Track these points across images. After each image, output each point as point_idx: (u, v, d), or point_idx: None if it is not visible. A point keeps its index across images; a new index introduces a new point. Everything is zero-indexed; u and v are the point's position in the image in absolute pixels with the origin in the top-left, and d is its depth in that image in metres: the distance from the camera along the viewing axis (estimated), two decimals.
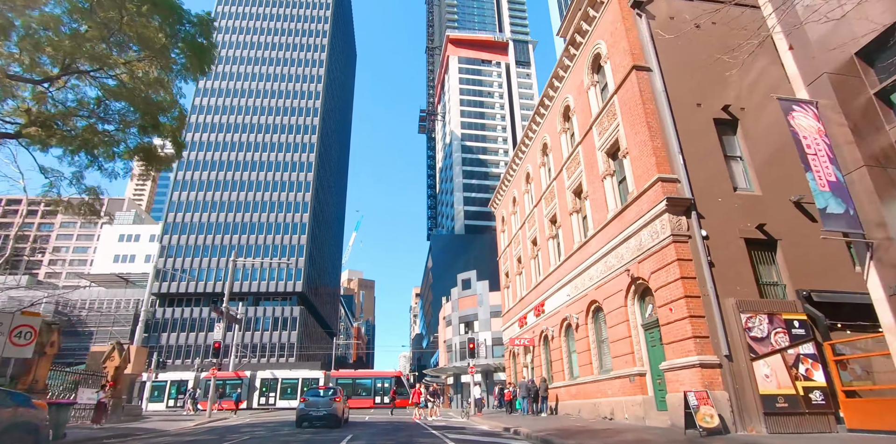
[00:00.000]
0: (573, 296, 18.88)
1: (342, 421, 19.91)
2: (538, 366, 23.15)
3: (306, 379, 39.49)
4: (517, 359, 26.89)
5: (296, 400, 38.37)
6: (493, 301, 61.30)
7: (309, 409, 19.24)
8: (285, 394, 38.24)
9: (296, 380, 39.72)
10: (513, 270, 28.49)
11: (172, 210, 67.12)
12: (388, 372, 41.63)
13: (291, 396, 38.47)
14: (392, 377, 40.65)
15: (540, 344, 23.08)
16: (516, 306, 27.49)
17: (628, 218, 14.70)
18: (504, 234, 31.67)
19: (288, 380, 39.69)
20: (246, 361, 60.16)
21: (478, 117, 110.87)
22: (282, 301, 64.76)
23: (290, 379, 39.75)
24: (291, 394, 38.49)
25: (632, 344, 14.38)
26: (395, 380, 39.81)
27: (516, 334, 26.20)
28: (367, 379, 40.65)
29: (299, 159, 71.75)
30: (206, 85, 75.82)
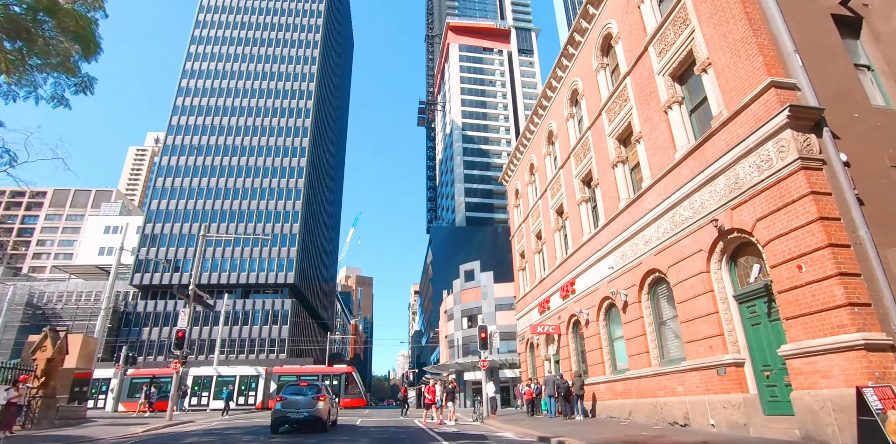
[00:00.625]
0: (618, 268, 14.92)
1: (328, 425, 16.06)
2: (565, 358, 19.20)
3: (244, 377, 35.38)
4: (537, 351, 22.94)
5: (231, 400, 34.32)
6: (499, 293, 57.42)
7: (287, 410, 15.46)
8: (220, 394, 33.92)
9: (232, 378, 35.56)
10: (530, 248, 24.53)
11: (156, 197, 62.95)
12: (339, 368, 37.24)
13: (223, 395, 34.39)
14: (342, 373, 36.34)
15: (568, 332, 19.13)
16: (535, 290, 23.53)
17: (712, 152, 10.74)
18: (518, 209, 27.71)
19: (224, 378, 35.50)
20: (234, 357, 56.14)
21: (479, 107, 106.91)
22: (273, 294, 60.73)
23: (227, 377, 35.55)
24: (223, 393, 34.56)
25: (720, 323, 10.43)
26: (346, 377, 35.67)
27: (536, 321, 22.24)
28: (313, 376, 36.13)
29: (292, 144, 67.58)
30: (193, 66, 71.63)
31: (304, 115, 70.16)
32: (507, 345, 55.70)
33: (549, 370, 21.64)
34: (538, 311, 22.57)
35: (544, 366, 21.91)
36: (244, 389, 34.50)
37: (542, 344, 21.96)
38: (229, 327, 56.97)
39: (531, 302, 23.95)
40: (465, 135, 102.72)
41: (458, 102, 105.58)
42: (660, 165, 12.97)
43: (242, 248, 60.98)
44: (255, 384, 34.94)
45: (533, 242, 23.94)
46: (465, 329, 58.61)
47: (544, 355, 21.84)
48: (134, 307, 57.99)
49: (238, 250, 60.87)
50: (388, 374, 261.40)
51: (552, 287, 20.87)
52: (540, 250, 23.49)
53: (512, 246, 28.17)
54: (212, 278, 59.38)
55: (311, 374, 36.23)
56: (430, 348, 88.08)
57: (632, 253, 14.20)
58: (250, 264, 60.27)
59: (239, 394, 34.72)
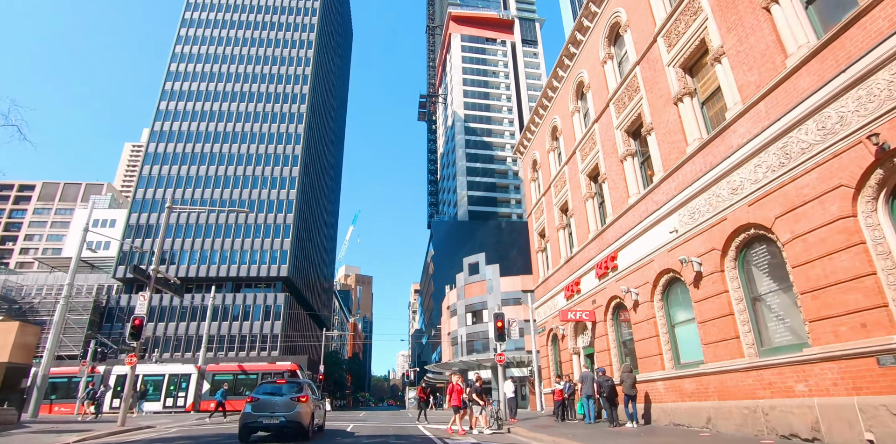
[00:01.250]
0: (686, 230, 11.48)
1: (310, 432, 12.71)
2: (603, 350, 15.74)
3: (174, 376, 31.45)
4: (562, 343, 19.47)
5: (158, 402, 30.88)
6: (505, 287, 53.99)
7: (259, 414, 12.17)
8: (147, 395, 30.48)
9: (161, 377, 31.75)
10: (552, 224, 21.07)
11: (143, 186, 59.41)
12: (282, 365, 32.93)
13: (154, 397, 30.87)
14: (285, 371, 32.15)
15: (606, 318, 15.67)
16: (559, 272, 20.08)
17: (856, 48, 7.32)
18: (535, 183, 24.26)
19: (151, 377, 31.72)
20: (222, 354, 52.65)
21: (482, 98, 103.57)
22: (265, 288, 57.21)
23: (154, 376, 31.78)
24: (154, 395, 30.84)
25: (879, 289, 6.98)
26: (290, 375, 31.56)
27: (563, 307, 18.77)
28: (252, 374, 32.31)
29: (286, 130, 64.04)
30: (183, 49, 68.16)
31: (299, 100, 66.66)
32: (514, 342, 52.18)
33: (578, 365, 18.18)
34: (564, 296, 19.10)
35: (572, 361, 18.44)
36: (173, 389, 30.57)
37: (570, 335, 18.49)
38: (218, 323, 53.47)
39: (554, 287, 20.49)
40: (468, 127, 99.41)
41: (460, 94, 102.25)
42: (757, 82, 9.52)
43: (233, 239, 57.48)
44: (185, 383, 31.15)
45: (556, 216, 20.48)
46: (470, 325, 55.17)
47: (572, 348, 18.38)
48: (117, 301, 54.49)
49: (229, 241, 57.38)
50: (388, 374, 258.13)
51: (583, 266, 17.42)
52: (565, 226, 20.04)
53: (529, 226, 24.71)
54: (200, 271, 55.89)
55: (249, 372, 32.22)
56: (432, 345, 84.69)
57: (709, 208, 10.74)
58: (241, 255, 56.78)
59: (167, 395, 31.08)
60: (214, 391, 30.60)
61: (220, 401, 21.70)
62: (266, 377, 31.76)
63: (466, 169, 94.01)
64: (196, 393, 30.59)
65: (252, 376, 31.92)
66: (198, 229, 57.79)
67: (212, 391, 30.56)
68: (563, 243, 19.94)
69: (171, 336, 53.20)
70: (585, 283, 17.28)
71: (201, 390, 30.71)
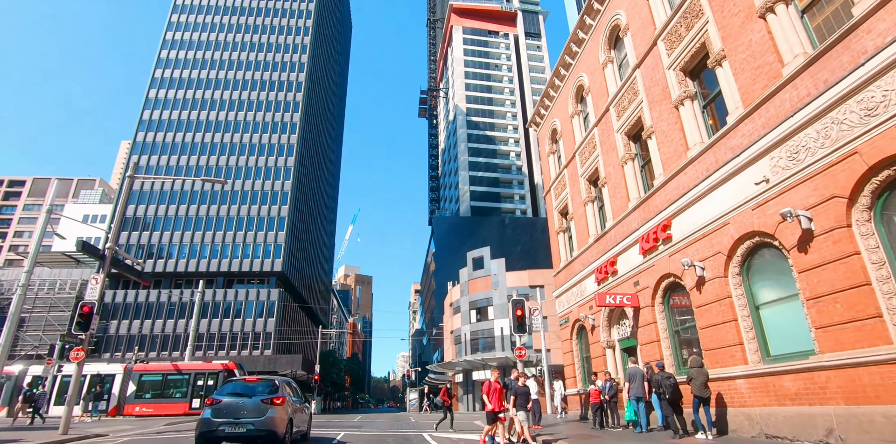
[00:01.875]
0: (784, 177, 8.61)
1: (286, 443, 9.83)
2: (649, 342, 12.85)
3: (97, 376, 27.31)
4: (591, 336, 16.56)
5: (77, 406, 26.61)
6: (511, 282, 51.04)
7: (220, 420, 9.48)
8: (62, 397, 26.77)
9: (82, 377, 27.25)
10: (577, 199, 18.19)
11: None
12: (215, 365, 29.45)
13: None
14: (221, 371, 28.50)
15: (654, 302, 12.79)
16: (587, 253, 17.18)
17: None
18: (554, 156, 21.41)
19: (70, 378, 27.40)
20: (212, 353, 49.73)
21: (484, 91, 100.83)
22: (258, 284, 54.30)
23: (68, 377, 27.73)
24: None
25: None
26: (226, 375, 28.08)
27: (594, 292, 15.87)
28: (184, 375, 28.70)
29: (281, 119, 61.16)
30: (174, 36, 65.34)
31: (294, 88, 63.86)
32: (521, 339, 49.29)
33: (612, 361, 15.28)
34: (595, 279, 16.21)
35: (605, 356, 15.54)
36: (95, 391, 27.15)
37: (602, 326, 15.59)
38: (208, 320, 50.58)
39: (581, 270, 17.58)
40: (470, 121, 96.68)
41: (461, 87, 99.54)
42: None
43: (224, 232, 54.60)
44: (109, 384, 27.68)
45: (583, 188, 17.59)
46: (474, 323, 52.24)
47: (605, 341, 15.48)
48: (102, 297, 51.44)
49: (220, 234, 54.51)
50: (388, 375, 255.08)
51: (621, 242, 14.54)
52: (594, 198, 17.15)
53: (547, 205, 21.83)
54: (190, 266, 53.01)
55: (180, 372, 28.77)
56: (433, 345, 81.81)
57: (823, 142, 7.88)
58: (233, 249, 53.91)
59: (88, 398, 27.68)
60: (141, 393, 27.32)
61: None
62: (199, 377, 28.29)
63: (468, 164, 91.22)
64: (120, 395, 27.21)
65: (184, 376, 28.51)
66: (187, 222, 54.96)
67: (138, 393, 27.48)
68: (591, 219, 17.05)
69: (159, 334, 50.29)
70: (624, 262, 14.40)
71: (126, 391, 27.40)
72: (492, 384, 10.17)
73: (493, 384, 10.20)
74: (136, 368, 28.88)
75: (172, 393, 27.88)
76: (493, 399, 10.01)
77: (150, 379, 28.01)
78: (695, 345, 11.56)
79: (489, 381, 10.27)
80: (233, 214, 55.40)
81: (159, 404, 27.02)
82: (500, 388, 10.26)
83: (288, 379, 11.81)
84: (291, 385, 11.93)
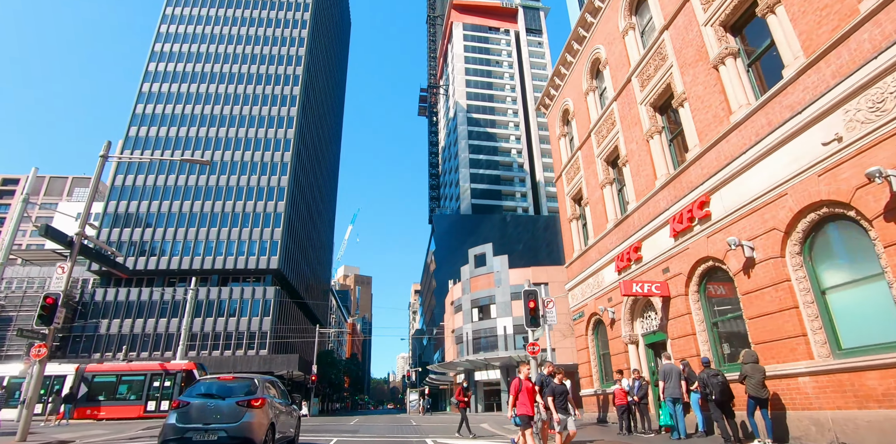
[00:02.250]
0: (866, 132, 7.12)
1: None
2: (683, 336, 11.35)
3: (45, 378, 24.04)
4: (610, 331, 15.06)
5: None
6: (515, 280, 49.53)
7: (188, 426, 8.10)
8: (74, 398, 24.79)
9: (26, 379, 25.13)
10: (593, 182, 16.70)
11: (122, 172, 54.99)
12: (175, 365, 27.41)
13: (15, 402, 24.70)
14: (179, 371, 26.51)
15: (689, 290, 11.31)
16: (605, 240, 15.69)
17: None
18: (565, 138, 19.93)
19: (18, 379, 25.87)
20: (206, 353, 48.16)
21: (485, 88, 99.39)
22: (254, 282, 52.73)
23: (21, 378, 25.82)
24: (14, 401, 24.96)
25: None
26: (185, 375, 26.11)
27: (615, 282, 14.38)
28: (138, 376, 26.66)
29: (277, 113, 59.61)
30: (168, 29, 63.80)
31: (292, 81, 62.35)
32: (526, 340, 47.85)
33: (636, 358, 13.79)
34: (615, 268, 14.71)
35: (627, 353, 14.06)
36: (44, 393, 24.96)
37: (624, 319, 14.10)
38: (202, 319, 49.02)
39: (598, 259, 16.09)
40: (471, 117, 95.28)
41: (462, 84, 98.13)
42: None
43: (219, 228, 53.05)
44: (59, 386, 25.88)
45: (600, 170, 16.11)
46: (476, 321, 50.74)
47: (627, 337, 13.98)
48: (92, 296, 49.99)
49: (214, 230, 52.96)
50: (388, 377, 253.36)
51: (646, 225, 13.06)
52: (612, 180, 15.68)
53: (558, 191, 20.33)
54: (184, 263, 51.45)
55: (134, 373, 26.89)
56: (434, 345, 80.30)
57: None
58: (228, 246, 52.33)
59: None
60: (93, 396, 25.62)
61: None
62: (156, 379, 26.44)
63: (469, 161, 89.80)
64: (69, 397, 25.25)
65: (138, 377, 26.58)
66: (181, 218, 53.42)
67: (90, 396, 25.73)
68: (610, 203, 15.56)
69: (151, 334, 48.71)
70: (651, 247, 12.92)
71: (77, 393, 25.44)
72: (522, 382, 8.37)
73: (523, 381, 8.41)
74: (88, 368, 27.05)
75: (126, 395, 26.15)
76: (522, 400, 8.18)
77: (102, 380, 26.14)
78: (738, 338, 10.08)
79: (518, 378, 8.50)
80: (228, 210, 53.88)
81: (112, 407, 25.24)
82: (533, 387, 8.48)
83: (272, 378, 10.32)
84: (277, 385, 10.45)
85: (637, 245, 13.44)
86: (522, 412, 8.11)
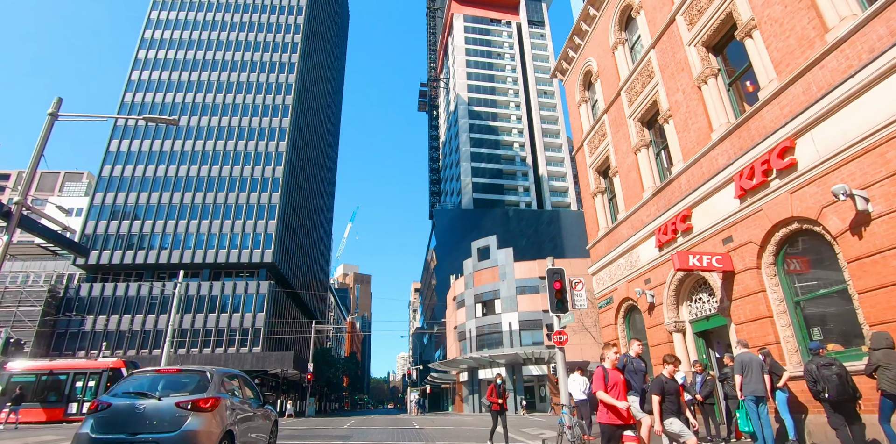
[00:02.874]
0: None
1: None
2: (753, 319, 9.06)
3: None
4: (648, 318, 12.80)
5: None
6: (520, 273, 47.32)
7: (107, 438, 5.08)
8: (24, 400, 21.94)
9: None
10: (625, 146, 14.43)
11: (109, 162, 52.66)
12: (100, 363, 24.79)
13: None
14: (104, 370, 23.91)
15: (761, 263, 9.05)
16: (641, 212, 13.41)
17: None
18: (588, 104, 17.65)
19: None
20: (196, 350, 45.92)
21: (486, 80, 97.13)
22: (247, 276, 50.48)
23: None
24: None
25: None
26: (111, 375, 23.47)
27: (654, 260, 12.13)
28: (59, 375, 24.23)
29: (272, 102, 57.27)
30: (160, 15, 61.45)
31: (287, 69, 60.04)
32: (532, 336, 45.56)
33: (683, 349, 11.53)
34: (654, 243, 12.45)
35: (672, 343, 11.81)
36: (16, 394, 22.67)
37: (667, 303, 11.84)
38: (192, 315, 46.78)
39: (629, 236, 13.82)
40: (472, 110, 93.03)
41: (463, 76, 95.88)
42: None
43: (211, 220, 50.77)
44: None
45: (633, 132, 13.84)
46: (480, 317, 48.46)
47: (672, 323, 11.71)
48: (77, 291, 47.70)
49: (206, 223, 50.67)
50: (388, 376, 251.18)
51: (698, 188, 10.78)
52: (649, 143, 13.42)
53: (578, 164, 18.03)
54: (173, 257, 49.16)
55: (56, 372, 24.22)
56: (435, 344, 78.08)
57: None
58: (220, 239, 50.05)
59: None
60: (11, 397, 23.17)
61: None
62: (79, 378, 23.74)
63: (471, 154, 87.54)
64: None
65: (61, 377, 23.88)
66: (171, 210, 51.12)
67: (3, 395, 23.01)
68: (646, 168, 13.30)
69: (138, 330, 46.42)
70: (705, 213, 10.64)
71: None
72: (607, 373, 5.60)
73: (610, 372, 5.63)
74: (6, 367, 24.31)
75: (46, 397, 23.44)
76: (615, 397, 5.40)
77: (20, 380, 23.33)
78: (836, 321, 7.83)
79: (601, 368, 5.71)
80: (220, 201, 51.57)
81: (29, 409, 22.47)
82: (622, 380, 5.68)
83: (236, 372, 8.04)
84: (244, 381, 8.18)
85: (685, 213, 11.18)
86: (612, 419, 5.33)
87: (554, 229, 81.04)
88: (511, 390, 43.84)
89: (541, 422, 21.52)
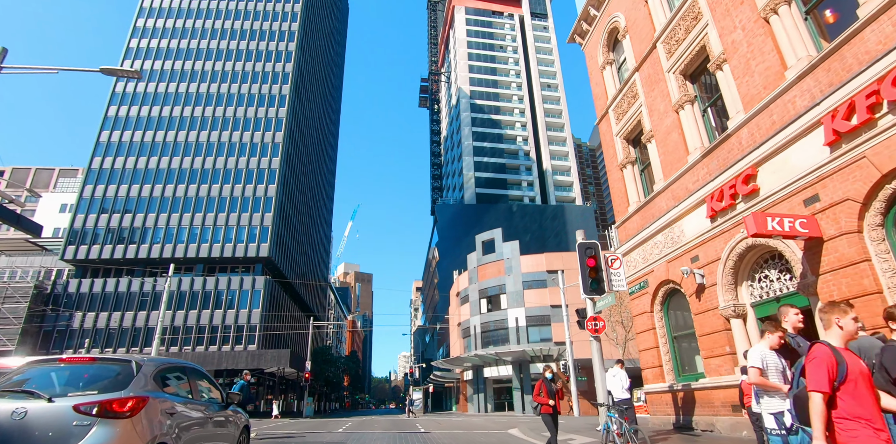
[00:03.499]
0: None
1: None
2: (852, 296, 7.13)
3: None
4: (694, 303, 10.84)
5: None
6: (527, 267, 45.35)
7: None
8: None
9: None
10: (662, 106, 12.47)
11: (100, 154, 50.80)
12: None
13: None
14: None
15: (863, 225, 7.10)
16: (685, 178, 11.41)
17: None
18: (613, 66, 15.68)
19: None
20: (189, 348, 44.03)
21: (489, 73, 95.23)
22: (243, 271, 48.61)
23: None
24: None
25: None
26: None
27: (700, 234, 10.19)
28: None
29: (269, 91, 55.38)
30: (154, 3, 59.60)
31: (284, 58, 58.11)
32: (540, 332, 43.56)
33: (743, 338, 9.58)
34: (705, 213, 10.46)
35: (729, 331, 9.85)
36: None
37: (721, 283, 9.89)
38: (185, 311, 44.93)
39: (669, 208, 11.85)
40: (474, 104, 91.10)
41: (465, 69, 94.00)
42: None
43: (205, 213, 48.91)
44: None
45: (674, 89, 11.87)
46: (485, 313, 46.53)
47: (731, 308, 9.75)
48: (65, 287, 45.84)
49: (200, 216, 48.81)
50: (389, 375, 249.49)
51: (767, 141, 8.80)
52: (693, 98, 11.46)
53: (602, 134, 16.05)
54: (165, 251, 47.32)
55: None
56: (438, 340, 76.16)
57: None
58: (214, 232, 48.17)
59: None
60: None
61: None
62: None
63: (473, 148, 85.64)
64: None
65: None
66: (163, 203, 49.26)
67: None
68: (692, 127, 11.33)
69: (129, 327, 44.55)
70: (776, 171, 8.68)
71: None
72: (840, 356, 3.01)
73: (843, 353, 3.05)
74: None
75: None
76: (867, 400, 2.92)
77: None
78: None
79: (825, 346, 3.09)
80: (214, 193, 49.71)
81: None
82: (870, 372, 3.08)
83: (185, 363, 6.09)
84: (195, 375, 6.20)
85: (749, 173, 9.20)
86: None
87: (559, 224, 79.14)
88: (518, 389, 41.91)
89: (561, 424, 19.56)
